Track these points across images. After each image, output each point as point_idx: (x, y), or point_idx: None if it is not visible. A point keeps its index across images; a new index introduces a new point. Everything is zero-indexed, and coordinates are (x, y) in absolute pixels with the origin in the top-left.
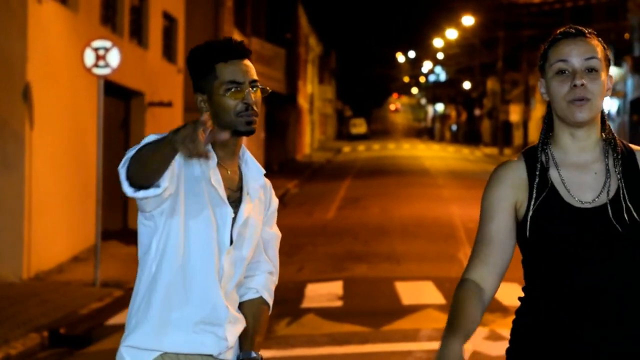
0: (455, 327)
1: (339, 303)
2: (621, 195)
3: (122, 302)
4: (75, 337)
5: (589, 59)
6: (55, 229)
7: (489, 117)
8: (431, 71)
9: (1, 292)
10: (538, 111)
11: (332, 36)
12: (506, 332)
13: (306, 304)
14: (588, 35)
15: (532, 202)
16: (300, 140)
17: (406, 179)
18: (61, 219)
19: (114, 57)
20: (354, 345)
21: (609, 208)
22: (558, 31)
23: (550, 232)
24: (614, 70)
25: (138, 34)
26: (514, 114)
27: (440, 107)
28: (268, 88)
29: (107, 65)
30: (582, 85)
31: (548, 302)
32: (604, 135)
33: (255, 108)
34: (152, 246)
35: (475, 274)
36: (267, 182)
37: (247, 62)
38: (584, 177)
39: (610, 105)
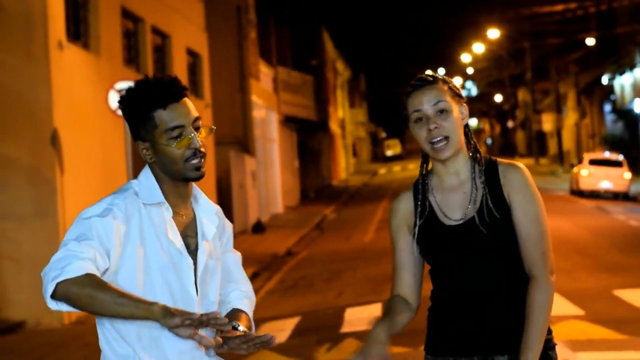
0: (384, 318)
1: None
2: (483, 202)
3: None
4: None
5: (436, 103)
6: None
7: (523, 128)
8: (462, 86)
9: (44, 338)
10: (571, 119)
11: (360, 59)
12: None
13: (346, 328)
14: (433, 81)
15: (416, 226)
16: (335, 166)
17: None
18: None
19: None
20: None
21: (476, 218)
22: (411, 82)
23: (429, 249)
24: None
25: (162, 72)
26: (547, 123)
27: (473, 121)
28: (213, 127)
29: None
30: (436, 127)
31: (438, 302)
32: (470, 154)
33: (203, 150)
34: None
35: (400, 292)
36: (219, 210)
37: (185, 101)
38: (454, 197)
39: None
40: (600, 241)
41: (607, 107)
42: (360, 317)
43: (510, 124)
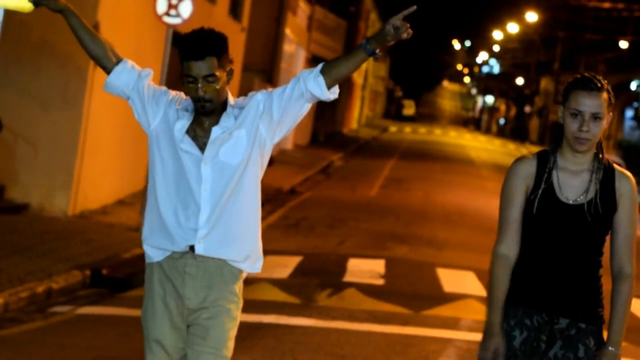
0: (498, 307)
1: (380, 281)
2: (596, 195)
3: None
4: (116, 279)
5: (596, 113)
6: (106, 170)
7: (539, 116)
8: (485, 62)
9: (46, 226)
10: None
11: (393, 14)
12: None
13: (348, 278)
14: (601, 89)
15: (540, 190)
16: (348, 114)
17: (451, 167)
18: (112, 161)
19: (186, 8)
20: (393, 325)
21: (586, 206)
22: (579, 77)
23: (540, 216)
24: None
25: None
26: None
27: (490, 99)
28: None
29: (178, 15)
30: (587, 131)
31: (533, 252)
32: (595, 152)
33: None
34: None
35: (508, 248)
36: (252, 104)
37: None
38: (573, 181)
39: None
40: (606, 245)
41: (629, 113)
42: (362, 269)
43: (527, 109)
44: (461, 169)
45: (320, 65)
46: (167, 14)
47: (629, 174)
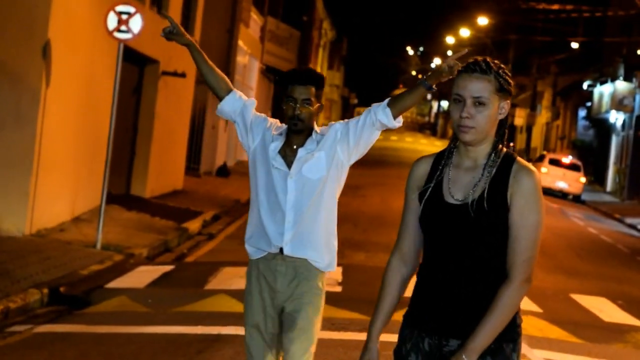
0: (377, 318)
1: (338, 288)
2: (484, 192)
3: (122, 267)
4: (74, 297)
5: (478, 97)
6: (61, 187)
7: None
8: (439, 67)
9: (3, 246)
10: (543, 117)
11: (345, 23)
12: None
13: None
14: (485, 72)
15: (427, 192)
16: None
17: (408, 173)
18: (67, 178)
19: (136, 23)
20: (352, 332)
21: (469, 204)
22: (468, 62)
23: (425, 218)
24: (623, 85)
25: (158, 2)
26: (519, 118)
27: (445, 104)
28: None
29: (128, 31)
30: (467, 117)
31: (426, 264)
32: (493, 145)
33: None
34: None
35: (401, 257)
36: (331, 132)
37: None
38: (464, 179)
39: (617, 118)
40: (560, 243)
41: (582, 113)
42: None
43: None
44: None
45: (387, 100)
46: (118, 29)
47: (531, 168)
